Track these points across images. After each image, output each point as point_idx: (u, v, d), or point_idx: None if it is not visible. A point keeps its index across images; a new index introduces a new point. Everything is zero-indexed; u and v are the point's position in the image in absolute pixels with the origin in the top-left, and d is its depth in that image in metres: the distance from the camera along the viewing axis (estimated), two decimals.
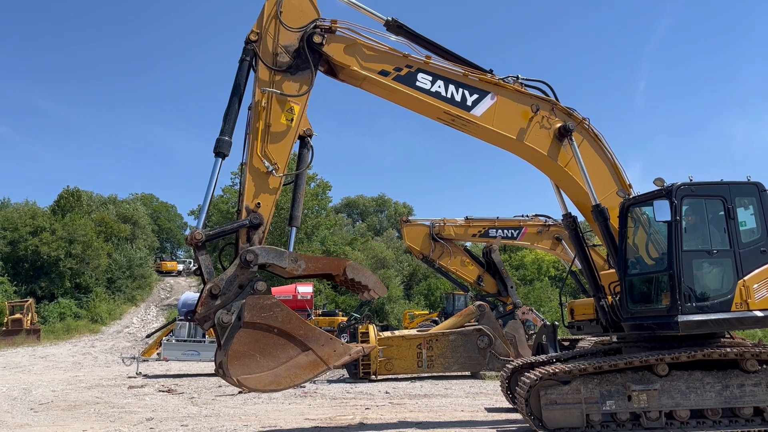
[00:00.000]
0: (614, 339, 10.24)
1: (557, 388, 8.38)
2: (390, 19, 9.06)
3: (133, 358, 22.20)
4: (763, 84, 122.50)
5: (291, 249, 8.22)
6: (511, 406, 10.62)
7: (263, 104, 8.24)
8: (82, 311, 44.12)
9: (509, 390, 10.40)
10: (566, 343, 16.27)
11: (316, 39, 8.50)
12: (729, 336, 9.33)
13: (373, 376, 17.58)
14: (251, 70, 8.42)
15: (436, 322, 25.51)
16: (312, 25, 8.55)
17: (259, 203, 8.00)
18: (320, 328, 29.69)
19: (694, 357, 8.20)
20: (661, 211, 8.37)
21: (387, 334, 18.39)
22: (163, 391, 16.02)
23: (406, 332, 19.10)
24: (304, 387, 16.18)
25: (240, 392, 15.21)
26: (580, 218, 10.18)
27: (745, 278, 8.37)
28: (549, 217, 21.07)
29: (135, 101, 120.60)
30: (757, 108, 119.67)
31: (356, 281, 8.05)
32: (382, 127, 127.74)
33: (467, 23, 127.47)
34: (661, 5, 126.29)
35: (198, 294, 8.20)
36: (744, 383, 8.20)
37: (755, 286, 8.36)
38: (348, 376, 18.10)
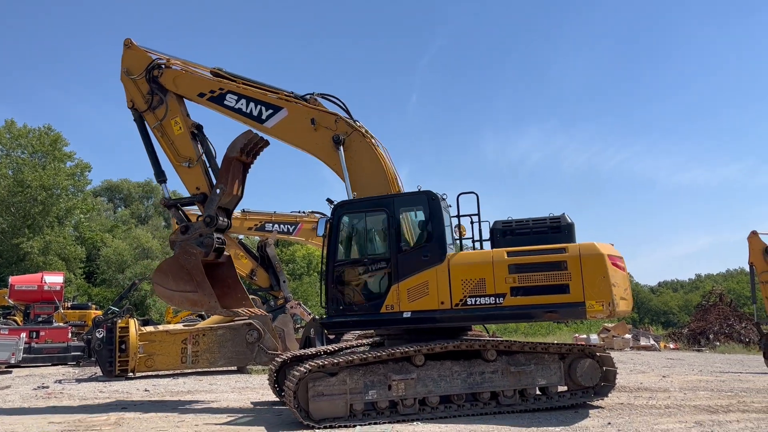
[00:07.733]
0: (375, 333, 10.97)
1: (325, 380, 8.68)
2: (214, 68, 11.74)
3: None
4: (512, 108, 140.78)
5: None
6: (278, 399, 10.73)
7: (160, 135, 11.76)
8: None
9: (277, 383, 10.50)
10: (332, 337, 16.91)
11: (155, 73, 11.77)
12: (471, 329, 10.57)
13: (131, 374, 16.40)
14: (144, 121, 11.93)
15: (202, 317, 24.62)
16: (150, 66, 11.77)
17: (198, 187, 11.48)
18: (69, 322, 26.72)
19: (446, 348, 9.10)
20: (321, 226, 9.75)
21: (150, 328, 17.28)
22: None
23: (171, 327, 18.16)
24: (47, 388, 14.50)
25: None
26: None
27: (400, 283, 9.32)
28: (324, 215, 21.64)
29: None
30: (506, 130, 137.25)
31: (254, 149, 11.28)
32: None
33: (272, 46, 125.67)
34: (437, 26, 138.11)
35: None
36: (484, 371, 9.30)
37: (409, 289, 9.29)
38: (101, 374, 16.63)
